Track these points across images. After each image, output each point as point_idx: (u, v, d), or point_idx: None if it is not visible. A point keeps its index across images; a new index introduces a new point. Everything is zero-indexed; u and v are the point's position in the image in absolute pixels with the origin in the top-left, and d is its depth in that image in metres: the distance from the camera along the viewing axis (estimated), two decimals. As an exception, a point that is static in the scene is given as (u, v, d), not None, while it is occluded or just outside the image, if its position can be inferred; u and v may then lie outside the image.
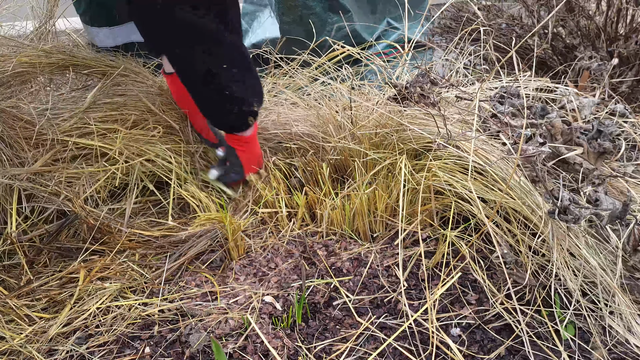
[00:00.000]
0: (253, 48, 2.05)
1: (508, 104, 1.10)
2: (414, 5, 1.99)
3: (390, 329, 0.90)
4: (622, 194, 0.99)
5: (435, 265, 1.02)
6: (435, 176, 1.06)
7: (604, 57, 1.41)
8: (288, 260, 1.07)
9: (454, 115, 1.16)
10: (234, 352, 0.86)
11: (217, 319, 0.91)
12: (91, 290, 0.99)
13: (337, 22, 1.88)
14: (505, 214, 1.03)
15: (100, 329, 0.91)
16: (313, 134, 1.34)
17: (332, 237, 1.13)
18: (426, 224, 1.10)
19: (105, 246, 1.10)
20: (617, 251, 0.88)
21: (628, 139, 1.09)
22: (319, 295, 0.97)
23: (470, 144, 0.99)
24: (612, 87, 1.37)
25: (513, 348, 0.86)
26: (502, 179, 0.99)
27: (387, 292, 0.97)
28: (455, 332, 0.89)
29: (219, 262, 1.08)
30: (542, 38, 1.54)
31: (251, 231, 1.17)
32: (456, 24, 1.82)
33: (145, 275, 1.03)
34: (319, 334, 0.90)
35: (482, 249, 1.05)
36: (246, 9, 2.16)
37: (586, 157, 0.95)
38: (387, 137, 1.19)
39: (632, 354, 0.82)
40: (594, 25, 1.50)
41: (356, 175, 1.18)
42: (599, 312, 0.87)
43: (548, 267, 0.93)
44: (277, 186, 1.24)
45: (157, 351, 0.86)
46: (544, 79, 1.29)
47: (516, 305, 0.87)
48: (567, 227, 0.89)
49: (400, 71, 1.47)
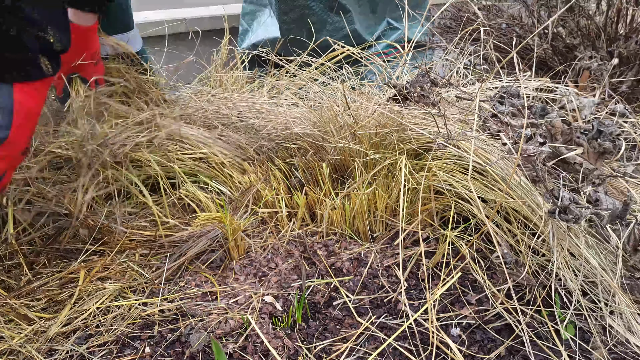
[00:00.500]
0: (253, 48, 2.05)
1: (508, 104, 1.10)
2: (414, 6, 2.00)
3: (390, 329, 0.90)
4: (622, 194, 0.99)
5: (435, 265, 1.02)
6: (435, 176, 1.06)
7: (604, 57, 1.41)
8: (288, 260, 1.07)
9: (454, 115, 1.15)
10: (234, 352, 0.86)
11: (217, 319, 0.91)
12: (91, 291, 0.99)
13: (337, 22, 1.88)
14: (505, 213, 1.03)
15: (100, 329, 0.91)
16: (313, 134, 1.34)
17: (332, 237, 1.13)
18: (426, 224, 1.10)
19: (105, 246, 1.10)
20: (617, 251, 0.88)
21: (628, 139, 1.09)
22: (319, 295, 0.97)
23: (471, 144, 0.99)
24: (612, 87, 1.37)
25: (513, 348, 0.86)
26: (502, 179, 0.99)
27: (387, 292, 0.97)
28: (455, 332, 0.89)
29: (219, 262, 1.08)
30: (542, 38, 1.54)
31: (251, 231, 1.17)
32: (456, 24, 1.82)
33: (145, 275, 1.03)
34: (319, 334, 0.90)
35: (482, 249, 1.05)
36: (246, 8, 2.16)
37: (586, 157, 0.95)
38: (387, 137, 1.19)
39: (633, 354, 0.82)
40: (594, 25, 1.50)
41: (356, 175, 1.18)
42: (599, 312, 0.87)
43: (548, 267, 0.93)
44: (277, 186, 1.24)
45: (157, 351, 0.86)
46: (544, 79, 1.29)
47: (516, 305, 0.87)
48: (567, 226, 0.89)
49: (400, 71, 1.47)
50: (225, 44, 1.83)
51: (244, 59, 1.95)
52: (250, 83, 1.82)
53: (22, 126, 0.73)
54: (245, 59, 1.95)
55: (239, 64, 1.89)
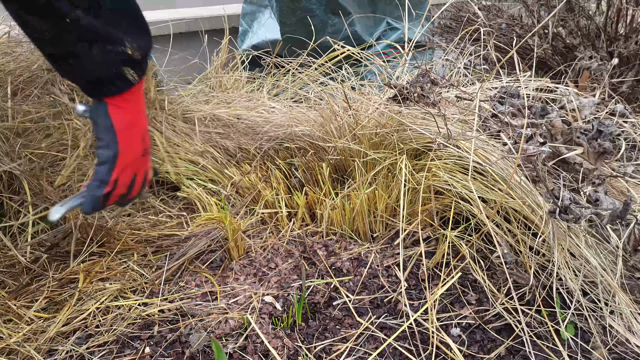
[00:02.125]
0: (253, 49, 2.05)
1: (508, 104, 1.09)
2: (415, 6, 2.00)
3: (390, 329, 0.90)
4: (622, 194, 0.99)
5: (435, 265, 1.02)
6: (435, 176, 1.06)
7: (604, 57, 1.41)
8: (288, 260, 1.07)
9: (454, 115, 1.15)
10: (234, 352, 0.85)
11: (217, 319, 0.91)
12: (91, 291, 0.99)
13: (338, 24, 1.88)
14: (505, 213, 1.03)
15: (100, 329, 0.91)
16: (313, 134, 1.34)
17: (332, 237, 1.13)
18: (426, 224, 1.10)
19: (105, 247, 1.10)
20: (617, 251, 0.88)
21: (628, 139, 1.08)
22: (319, 295, 0.97)
23: (471, 144, 0.99)
24: (612, 87, 1.37)
25: (513, 348, 0.86)
26: (503, 179, 0.99)
27: (387, 292, 0.97)
28: (455, 332, 0.89)
29: (219, 262, 1.08)
30: (543, 38, 1.54)
31: (251, 231, 1.17)
32: (456, 24, 1.82)
33: (145, 275, 1.03)
34: (319, 334, 0.90)
35: (482, 249, 1.05)
36: (246, 9, 2.16)
37: (586, 157, 0.95)
38: (387, 137, 1.19)
39: (633, 354, 0.82)
40: (594, 25, 1.50)
41: (356, 175, 1.18)
42: (600, 311, 0.87)
43: (548, 267, 0.93)
44: (277, 186, 1.24)
45: (157, 351, 0.86)
46: (544, 79, 1.29)
47: (517, 305, 0.87)
48: (567, 227, 0.89)
49: (400, 71, 1.47)
50: (225, 45, 1.84)
51: (244, 59, 1.95)
52: (250, 83, 1.83)
53: (128, 136, 0.76)
54: (246, 59, 1.95)
55: (239, 65, 1.89)
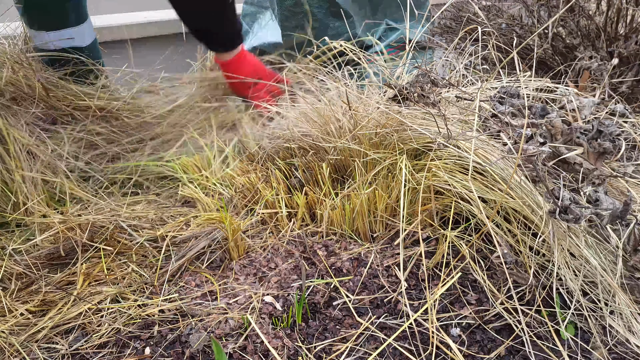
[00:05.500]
0: (253, 50, 2.05)
1: (508, 104, 1.09)
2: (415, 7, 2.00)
3: (390, 329, 0.90)
4: (622, 194, 0.99)
5: (435, 265, 1.02)
6: (435, 176, 1.06)
7: (604, 57, 1.41)
8: (288, 260, 1.07)
9: (454, 115, 1.15)
10: (234, 352, 0.85)
11: (217, 319, 0.91)
12: (90, 292, 0.99)
13: (339, 27, 1.88)
14: (505, 214, 1.03)
15: (100, 329, 0.91)
16: (313, 134, 1.34)
17: (332, 237, 1.13)
18: (426, 224, 1.10)
19: (105, 250, 1.10)
20: (617, 251, 0.88)
21: (628, 139, 1.08)
22: (319, 295, 0.97)
23: (471, 144, 0.99)
24: (612, 87, 1.37)
25: (513, 348, 0.86)
26: (503, 179, 0.99)
27: (387, 292, 0.97)
28: (455, 332, 0.89)
29: (219, 262, 1.08)
30: (543, 38, 1.54)
31: (251, 231, 1.17)
32: (456, 24, 1.82)
33: (145, 276, 1.03)
34: (319, 334, 0.90)
35: (482, 249, 1.05)
36: (246, 10, 2.16)
37: (586, 157, 0.95)
38: (387, 137, 1.19)
39: (633, 354, 0.82)
40: (594, 25, 1.50)
41: (356, 175, 1.18)
42: (600, 312, 0.87)
43: (548, 267, 0.93)
44: (277, 186, 1.24)
45: (157, 351, 0.86)
46: (544, 79, 1.29)
47: (517, 305, 0.87)
48: (567, 227, 0.89)
49: (400, 71, 1.47)
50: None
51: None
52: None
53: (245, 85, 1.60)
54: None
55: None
